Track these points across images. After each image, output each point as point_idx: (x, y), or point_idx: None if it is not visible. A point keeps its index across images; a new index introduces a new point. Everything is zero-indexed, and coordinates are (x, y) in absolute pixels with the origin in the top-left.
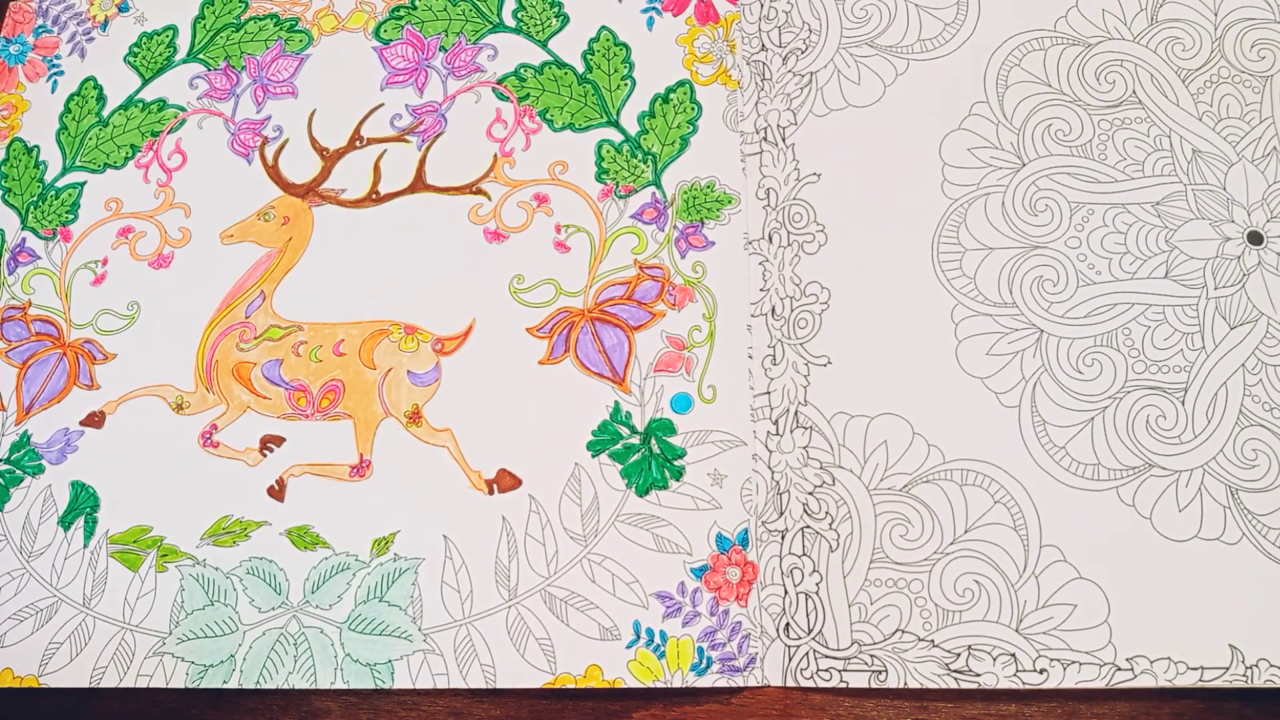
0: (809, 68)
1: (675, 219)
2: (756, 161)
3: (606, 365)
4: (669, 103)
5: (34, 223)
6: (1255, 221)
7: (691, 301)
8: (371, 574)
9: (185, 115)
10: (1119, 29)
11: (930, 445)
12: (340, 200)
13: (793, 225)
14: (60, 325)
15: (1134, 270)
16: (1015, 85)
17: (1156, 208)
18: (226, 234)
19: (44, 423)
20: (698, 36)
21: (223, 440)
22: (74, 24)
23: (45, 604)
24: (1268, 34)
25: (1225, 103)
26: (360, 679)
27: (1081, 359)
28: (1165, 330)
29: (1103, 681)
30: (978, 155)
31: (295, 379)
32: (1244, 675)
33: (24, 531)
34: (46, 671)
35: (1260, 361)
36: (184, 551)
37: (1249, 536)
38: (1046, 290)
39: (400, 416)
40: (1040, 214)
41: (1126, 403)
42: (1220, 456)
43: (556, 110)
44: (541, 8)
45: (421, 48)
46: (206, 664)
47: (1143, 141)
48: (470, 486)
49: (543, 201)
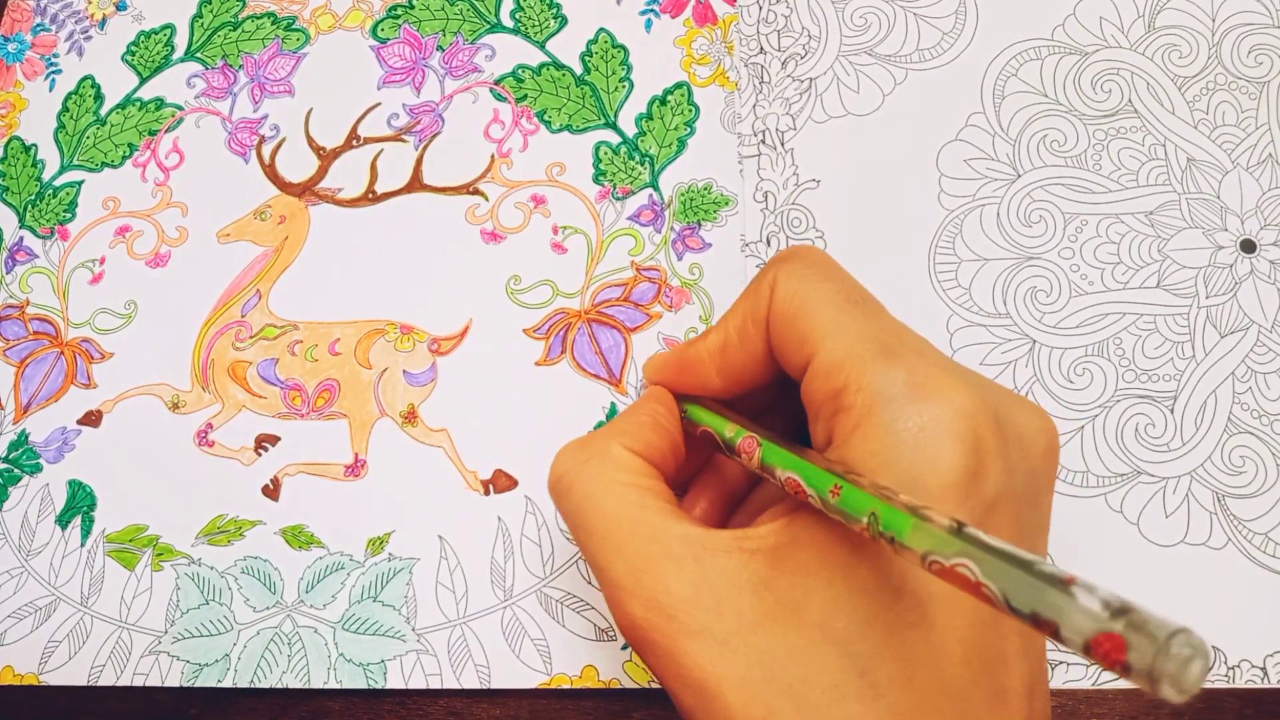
0: (808, 73)
1: (672, 221)
2: (754, 164)
3: (603, 367)
4: (666, 104)
5: (31, 221)
6: (1248, 229)
7: (688, 303)
8: (366, 574)
9: (183, 114)
10: (1116, 37)
11: None
12: (337, 199)
13: (791, 230)
14: (58, 324)
15: (1126, 280)
16: (1012, 96)
17: (1150, 217)
18: (223, 233)
19: (42, 421)
20: (695, 38)
21: (218, 439)
22: (72, 22)
23: (44, 602)
24: (1265, 39)
25: (1221, 110)
26: (353, 679)
27: (1073, 369)
28: (1156, 339)
29: (1089, 682)
30: (974, 166)
31: (290, 378)
32: (1226, 676)
33: (22, 530)
34: (46, 670)
35: (1250, 369)
36: (179, 550)
37: (1234, 541)
38: (1039, 301)
39: (396, 416)
40: (1034, 225)
41: (1116, 411)
42: (1208, 463)
43: (554, 111)
44: (540, 9)
45: (419, 47)
46: (201, 663)
47: (1137, 151)
48: (466, 487)
49: (540, 203)
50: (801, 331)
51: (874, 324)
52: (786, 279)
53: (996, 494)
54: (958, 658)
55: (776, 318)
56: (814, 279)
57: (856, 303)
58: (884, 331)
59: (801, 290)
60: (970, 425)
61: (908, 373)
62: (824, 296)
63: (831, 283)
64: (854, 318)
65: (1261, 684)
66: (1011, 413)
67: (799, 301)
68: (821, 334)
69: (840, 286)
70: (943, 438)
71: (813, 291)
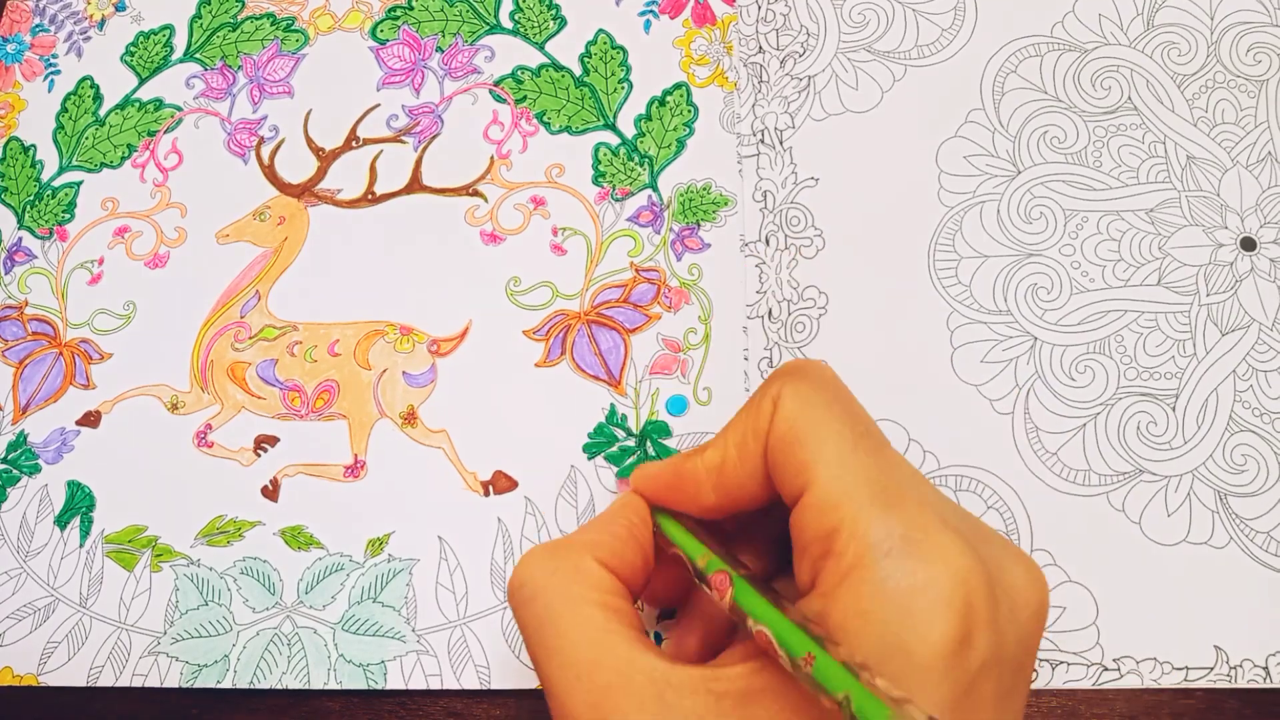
0: (806, 71)
1: (671, 221)
2: (753, 164)
3: (603, 368)
4: (665, 105)
5: (30, 222)
6: (1248, 227)
7: (687, 304)
8: (365, 574)
9: (182, 115)
10: (1115, 34)
11: (926, 451)
12: (336, 200)
13: (790, 229)
14: (57, 325)
15: (1127, 277)
16: (1011, 92)
17: (1150, 214)
18: (222, 234)
19: (40, 422)
20: (694, 39)
21: (217, 440)
22: (71, 23)
23: (43, 603)
24: (1264, 37)
25: (1220, 108)
26: (353, 679)
27: (1074, 366)
28: (1157, 337)
29: (1089, 682)
30: (974, 163)
31: (290, 379)
32: (1228, 675)
33: (21, 531)
34: (45, 670)
35: (1251, 368)
36: (178, 551)
37: (1236, 540)
38: (1040, 298)
39: (395, 417)
40: (1035, 221)
41: (1118, 409)
42: (1210, 462)
43: (554, 113)
44: (539, 10)
45: (418, 48)
46: (200, 664)
47: (1137, 148)
48: (466, 488)
49: (540, 204)
50: (800, 460)
51: (877, 463)
52: (790, 399)
53: (983, 663)
54: None
55: (776, 439)
56: (819, 404)
57: (861, 437)
58: (885, 473)
59: (805, 415)
60: (964, 591)
61: (905, 526)
62: (827, 425)
63: (837, 410)
64: (856, 454)
65: (1264, 684)
66: (1004, 571)
67: (802, 427)
68: (820, 467)
69: (846, 416)
70: (935, 603)
71: (817, 418)
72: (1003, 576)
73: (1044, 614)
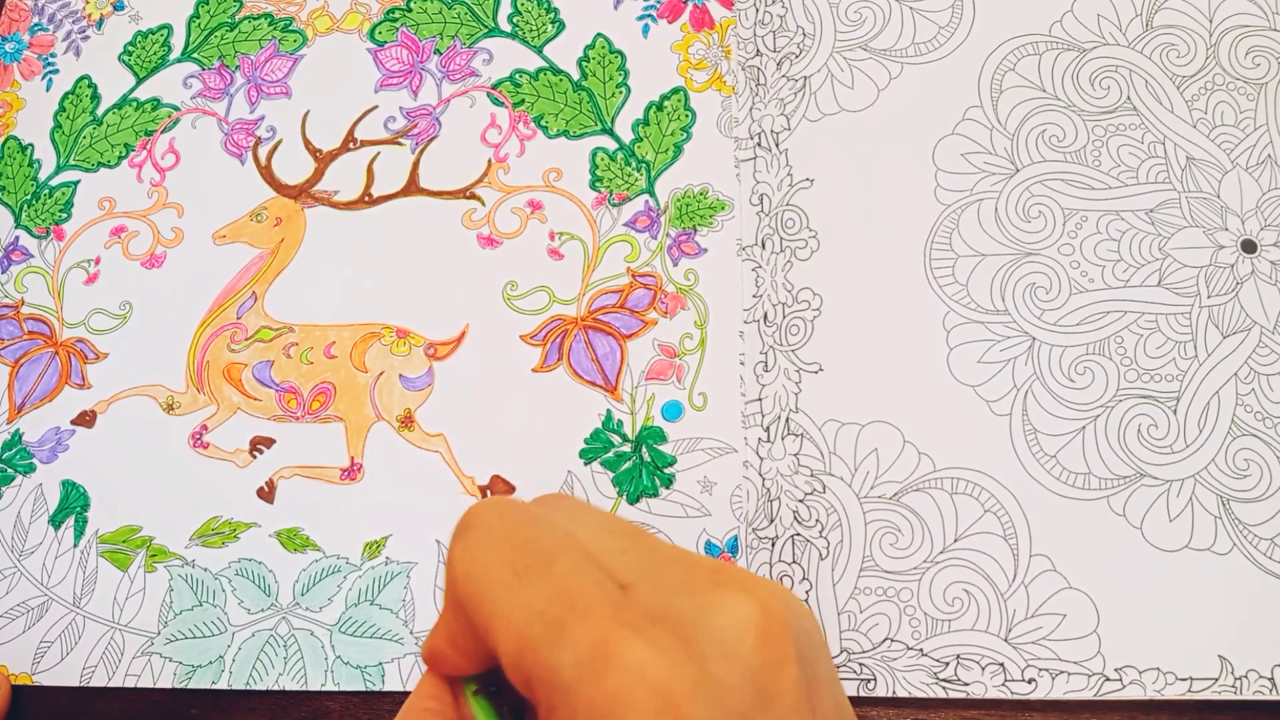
0: (802, 72)
1: (668, 226)
2: (750, 167)
3: (599, 373)
4: (663, 110)
5: (27, 221)
6: (1249, 229)
7: (683, 309)
8: (363, 577)
9: (179, 115)
10: (1114, 34)
11: (921, 454)
12: (333, 202)
13: (785, 231)
14: (53, 324)
15: (1127, 278)
16: (1009, 90)
17: (1150, 215)
18: (219, 234)
19: (35, 422)
20: (693, 43)
21: (213, 441)
22: (69, 22)
23: (36, 603)
24: (1262, 41)
25: (1220, 110)
26: (351, 681)
27: (1073, 367)
28: (1158, 339)
29: (1091, 692)
30: (971, 161)
31: (286, 381)
32: (1233, 686)
33: (15, 530)
34: (39, 670)
35: (1253, 371)
36: (173, 552)
37: (1239, 547)
38: (1039, 298)
39: (392, 420)
40: (1033, 220)
41: (1118, 412)
42: (1212, 466)
43: (551, 117)
44: (537, 13)
45: (416, 50)
46: (195, 664)
47: (1137, 148)
48: (463, 492)
49: (537, 208)
50: (481, 621)
51: (542, 592)
52: (459, 562)
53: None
54: None
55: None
56: (482, 556)
57: (522, 572)
58: (552, 599)
59: (473, 573)
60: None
61: (574, 651)
62: (491, 574)
63: (504, 551)
64: (519, 591)
65: (1270, 695)
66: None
67: (472, 587)
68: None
69: (507, 553)
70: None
71: (480, 572)
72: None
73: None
